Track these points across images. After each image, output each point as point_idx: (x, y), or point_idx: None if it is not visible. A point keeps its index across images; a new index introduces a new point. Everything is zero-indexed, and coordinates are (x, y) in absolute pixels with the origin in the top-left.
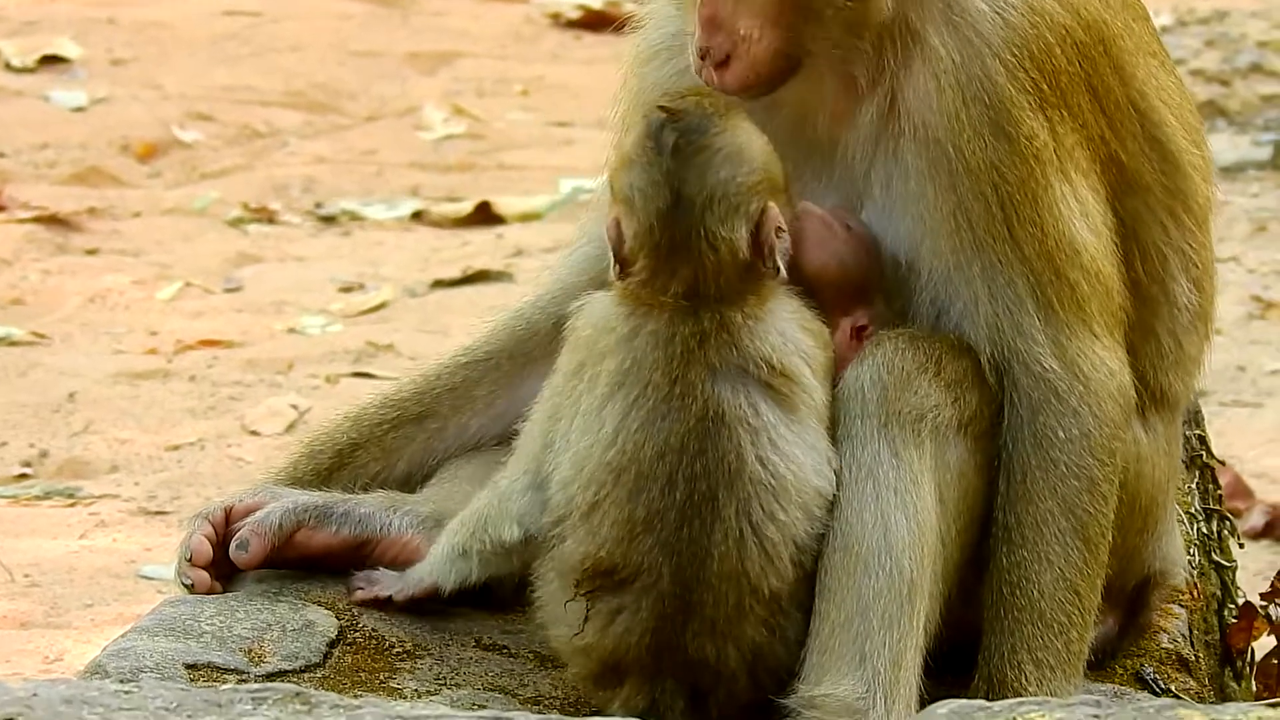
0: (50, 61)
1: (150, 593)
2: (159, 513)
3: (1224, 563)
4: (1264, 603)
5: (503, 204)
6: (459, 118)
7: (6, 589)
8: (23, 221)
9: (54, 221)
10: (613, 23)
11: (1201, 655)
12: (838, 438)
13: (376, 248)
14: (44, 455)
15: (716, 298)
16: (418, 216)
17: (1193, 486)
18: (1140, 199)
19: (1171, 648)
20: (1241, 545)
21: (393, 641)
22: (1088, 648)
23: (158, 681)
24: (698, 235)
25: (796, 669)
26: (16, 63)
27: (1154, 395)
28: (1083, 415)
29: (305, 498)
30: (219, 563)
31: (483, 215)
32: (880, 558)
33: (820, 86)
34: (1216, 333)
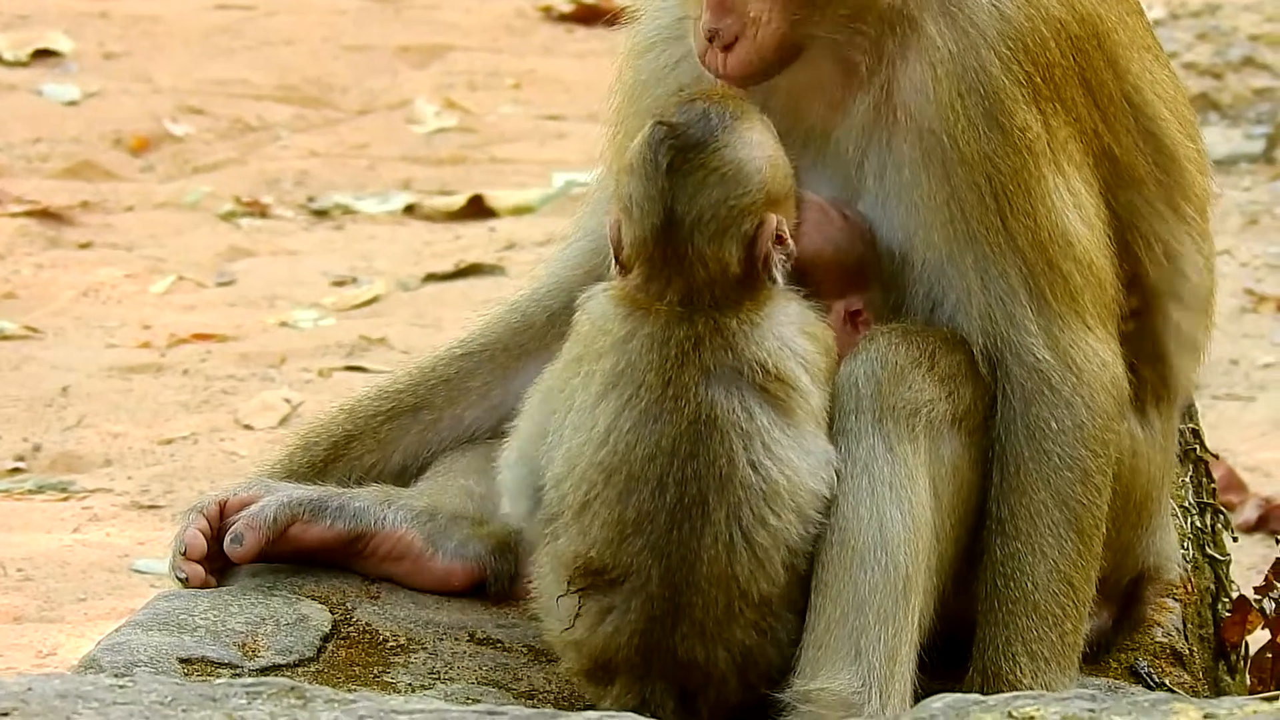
0: (42, 55)
1: (144, 587)
2: (152, 507)
3: (1218, 557)
4: (1258, 596)
5: (495, 197)
6: (451, 111)
7: None
8: (15, 215)
9: (46, 215)
10: (605, 16)
11: (1196, 649)
12: (832, 433)
13: (369, 241)
14: (37, 449)
15: (711, 305)
16: (410, 210)
17: (1186, 480)
18: (1135, 192)
19: (1166, 642)
20: (1235, 539)
21: (386, 635)
22: (1083, 639)
23: (152, 676)
24: (689, 251)
25: (791, 664)
26: (9, 57)
27: (1152, 390)
28: (1076, 406)
29: (300, 492)
30: (213, 557)
31: (475, 209)
32: (875, 553)
33: (818, 75)
34: None
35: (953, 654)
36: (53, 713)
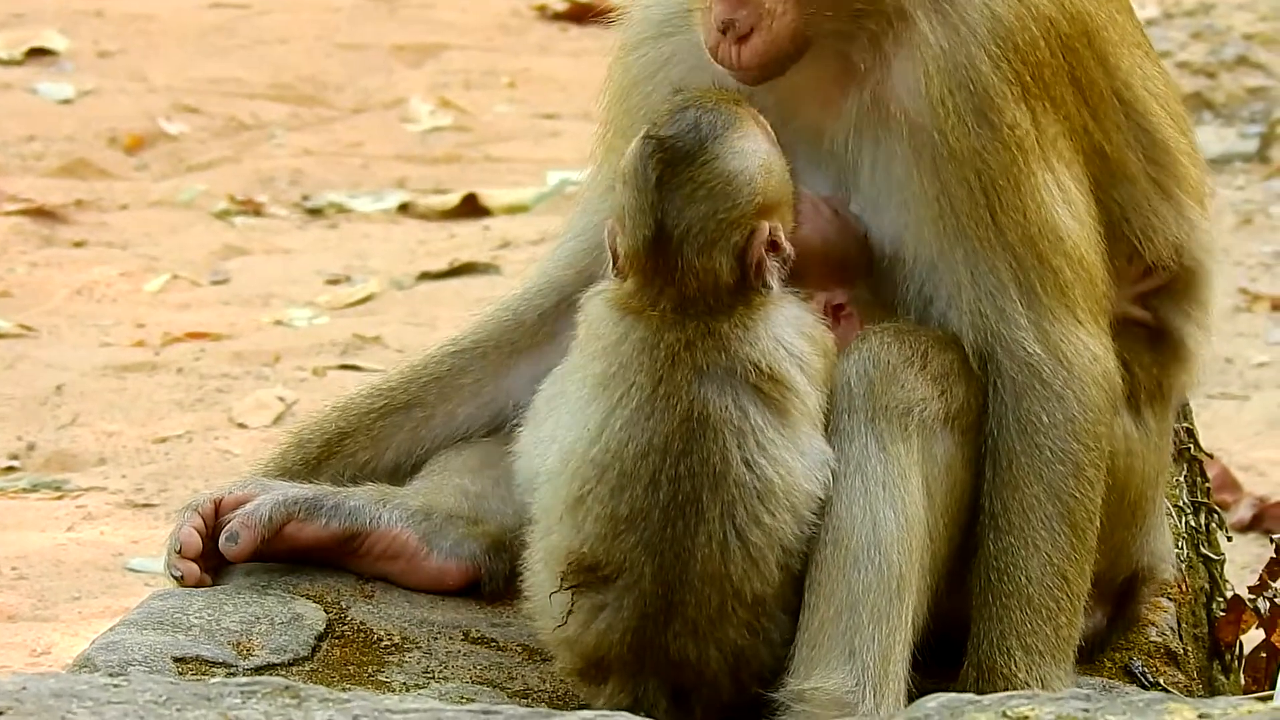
0: (37, 54)
1: (138, 585)
2: (146, 505)
3: (1212, 556)
4: (1252, 596)
5: (489, 196)
6: (446, 110)
7: None
8: (10, 214)
9: (41, 214)
10: (599, 15)
11: (1190, 649)
12: (826, 433)
13: (363, 240)
14: (31, 448)
15: (705, 311)
16: (404, 209)
17: (1181, 479)
18: (1128, 187)
19: (1160, 641)
20: (1230, 538)
21: (381, 635)
22: (1078, 634)
23: (146, 675)
24: (679, 263)
25: (785, 663)
26: (3, 55)
27: (1146, 388)
28: (1067, 400)
29: (295, 490)
30: (208, 555)
31: (469, 207)
32: (869, 552)
33: (815, 71)
34: None
35: (947, 653)
36: (47, 712)
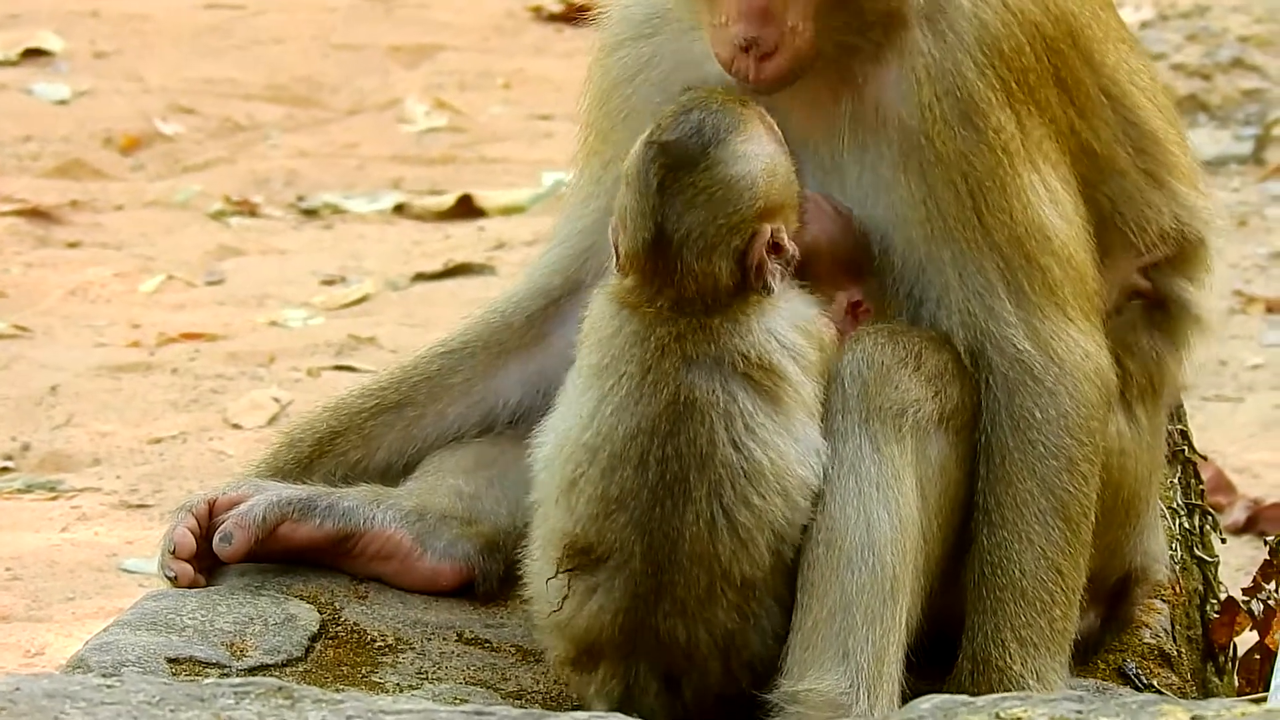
0: (33, 54)
1: (132, 586)
2: (141, 506)
3: (1206, 558)
4: (1246, 598)
5: (484, 197)
6: (441, 111)
7: None
8: (4, 214)
9: (36, 214)
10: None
11: (1184, 650)
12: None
13: (358, 241)
14: (25, 448)
15: (702, 310)
16: (399, 210)
17: (1175, 481)
18: (1117, 182)
19: (1154, 643)
20: (1224, 540)
21: (374, 635)
22: (1074, 628)
23: (140, 675)
24: (679, 266)
25: (779, 664)
26: None
27: (1139, 386)
28: (1059, 395)
29: (289, 491)
30: (202, 555)
31: (464, 208)
32: (863, 553)
33: (812, 78)
34: None
35: (941, 653)
36: (40, 712)
